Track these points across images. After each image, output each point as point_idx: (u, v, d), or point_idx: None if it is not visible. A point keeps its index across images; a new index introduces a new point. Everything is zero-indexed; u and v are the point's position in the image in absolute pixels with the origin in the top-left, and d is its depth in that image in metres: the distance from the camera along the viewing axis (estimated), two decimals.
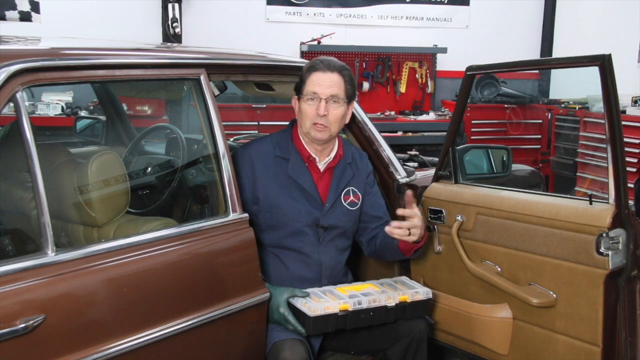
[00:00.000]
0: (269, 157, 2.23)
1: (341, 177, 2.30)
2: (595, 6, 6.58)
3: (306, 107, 2.18)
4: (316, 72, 2.17)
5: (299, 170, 2.23)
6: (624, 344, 2.06)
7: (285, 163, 2.22)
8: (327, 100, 2.15)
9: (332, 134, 2.21)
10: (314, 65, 2.19)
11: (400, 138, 6.02)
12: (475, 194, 2.41)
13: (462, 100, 2.45)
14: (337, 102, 2.18)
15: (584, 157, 5.67)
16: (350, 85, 2.21)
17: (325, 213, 2.24)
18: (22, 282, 1.52)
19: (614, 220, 1.99)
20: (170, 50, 2.45)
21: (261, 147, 2.26)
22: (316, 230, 2.23)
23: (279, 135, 2.30)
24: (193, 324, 1.85)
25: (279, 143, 2.26)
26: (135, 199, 2.29)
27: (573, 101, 6.19)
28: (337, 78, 2.18)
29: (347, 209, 2.29)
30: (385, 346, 2.20)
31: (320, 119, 2.15)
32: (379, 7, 6.74)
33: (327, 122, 2.16)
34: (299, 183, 2.21)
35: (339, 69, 2.19)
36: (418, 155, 3.43)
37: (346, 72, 2.20)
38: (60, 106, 5.09)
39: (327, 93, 2.16)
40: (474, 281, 2.35)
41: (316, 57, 2.27)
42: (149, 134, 2.93)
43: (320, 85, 2.16)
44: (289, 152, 2.24)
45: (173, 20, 5.76)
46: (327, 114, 2.16)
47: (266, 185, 2.19)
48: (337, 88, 2.17)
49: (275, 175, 2.20)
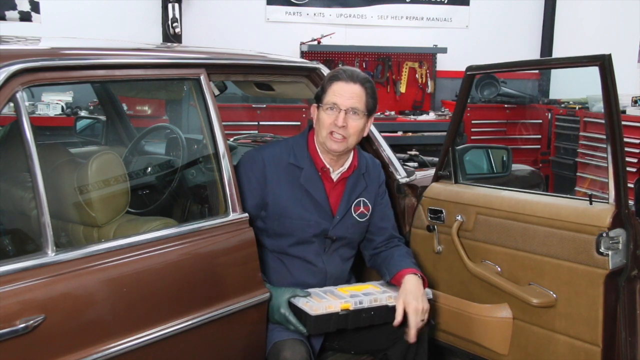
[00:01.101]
0: (282, 164, 2.18)
1: (354, 188, 2.26)
2: (595, 6, 6.58)
3: (324, 116, 2.12)
4: (338, 82, 2.12)
5: (312, 180, 2.19)
6: (624, 344, 2.06)
7: (299, 171, 2.18)
8: (346, 112, 2.11)
9: (348, 147, 2.16)
10: (337, 74, 2.14)
11: (400, 138, 6.02)
12: (475, 194, 2.41)
13: (462, 100, 2.45)
14: (357, 114, 2.12)
15: (584, 157, 5.67)
16: (372, 98, 2.16)
17: (335, 225, 2.21)
18: (22, 282, 1.52)
19: (614, 220, 1.99)
20: (170, 50, 2.45)
21: (275, 152, 2.21)
22: (323, 240, 2.22)
23: (295, 142, 2.24)
24: (193, 324, 1.85)
25: (293, 150, 2.21)
26: (135, 199, 2.29)
27: (573, 101, 6.20)
28: (359, 90, 2.12)
29: (357, 220, 2.27)
30: (386, 346, 2.20)
31: (338, 129, 2.11)
32: (379, 7, 6.75)
33: (346, 133, 2.12)
34: (310, 193, 2.18)
35: (362, 80, 2.14)
36: (418, 155, 3.42)
37: (369, 85, 2.15)
38: (60, 106, 5.09)
39: (348, 104, 2.10)
40: (474, 281, 2.35)
41: (339, 67, 2.22)
42: (149, 134, 2.93)
43: (341, 96, 2.10)
44: (303, 161, 2.19)
45: (173, 20, 5.76)
46: (346, 126, 2.11)
47: (276, 192, 2.15)
48: (358, 100, 2.12)
49: (287, 182, 2.17)
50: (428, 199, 2.52)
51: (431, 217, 2.50)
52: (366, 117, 2.17)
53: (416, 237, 2.57)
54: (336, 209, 2.23)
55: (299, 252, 2.20)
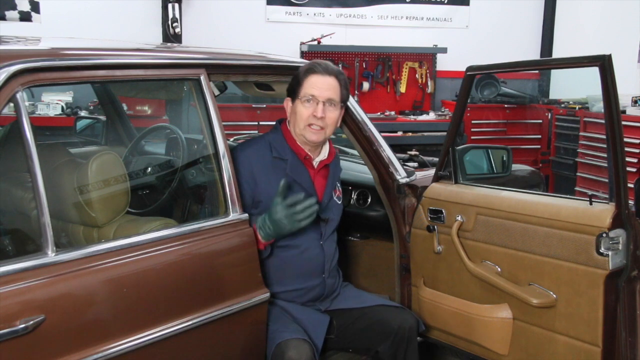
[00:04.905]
0: (267, 159, 2.23)
1: (334, 173, 2.38)
2: (595, 6, 6.58)
3: (302, 108, 2.20)
4: (314, 75, 2.20)
5: (298, 170, 2.25)
6: (624, 344, 2.06)
7: (284, 164, 2.24)
8: (324, 103, 2.19)
9: (326, 137, 2.27)
10: (312, 67, 2.22)
11: (400, 138, 6.02)
12: (475, 194, 2.41)
13: (462, 100, 2.44)
14: (333, 105, 2.22)
15: (584, 157, 5.67)
16: (345, 89, 2.26)
17: (323, 208, 2.28)
18: (22, 282, 1.52)
19: (614, 220, 1.99)
20: (170, 51, 2.45)
21: (258, 149, 2.26)
22: (318, 225, 2.25)
23: (270, 137, 2.30)
24: (193, 324, 1.85)
25: (272, 144, 2.26)
26: (136, 199, 2.29)
27: (573, 101, 6.20)
28: (334, 82, 2.22)
29: (336, 203, 2.39)
30: (378, 344, 2.24)
31: (317, 120, 2.19)
32: (379, 7, 6.74)
33: (324, 124, 2.20)
34: (298, 182, 2.23)
35: (336, 73, 2.24)
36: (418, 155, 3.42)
37: (342, 77, 2.25)
38: (60, 106, 5.09)
39: (325, 96, 2.19)
40: (474, 281, 2.35)
41: (312, 60, 2.31)
42: (149, 134, 2.93)
43: (318, 88, 2.19)
44: (285, 153, 2.25)
45: (173, 20, 5.76)
46: (324, 116, 2.19)
47: (267, 188, 2.18)
48: (334, 92, 2.21)
49: (275, 176, 2.20)
50: (428, 199, 2.52)
51: (431, 217, 2.50)
52: (341, 108, 2.27)
53: (416, 237, 2.57)
54: (321, 193, 2.30)
55: (296, 241, 2.21)
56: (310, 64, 2.26)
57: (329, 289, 2.32)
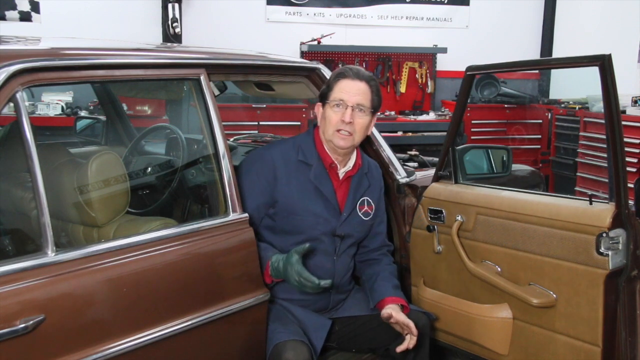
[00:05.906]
0: (292, 162, 2.20)
1: (358, 186, 2.29)
2: (595, 6, 6.58)
3: (331, 113, 2.16)
4: (345, 79, 2.16)
5: (321, 177, 2.21)
6: (624, 344, 2.06)
7: (308, 168, 2.20)
8: (353, 108, 2.14)
9: (354, 143, 2.20)
10: (343, 72, 2.18)
11: (400, 138, 6.02)
12: (475, 194, 2.41)
13: (462, 100, 2.44)
14: (363, 111, 2.16)
15: (584, 157, 5.67)
16: (377, 96, 2.20)
17: (342, 222, 2.23)
18: (22, 282, 1.52)
19: (614, 220, 1.99)
20: (170, 50, 2.45)
21: (284, 150, 2.22)
22: (332, 239, 2.22)
23: (301, 140, 2.26)
24: (193, 324, 1.85)
25: (300, 148, 2.23)
26: (135, 199, 2.29)
27: (573, 101, 6.20)
28: (365, 87, 2.16)
29: (362, 219, 2.29)
30: (388, 342, 2.20)
31: (345, 125, 2.14)
32: (379, 7, 6.75)
33: (352, 129, 2.15)
34: (320, 190, 2.19)
35: (367, 78, 2.18)
36: (418, 155, 3.42)
37: (373, 83, 2.19)
38: (60, 106, 5.08)
39: (354, 101, 2.14)
40: (474, 281, 2.35)
41: (345, 65, 2.26)
42: (149, 134, 2.93)
43: (347, 93, 2.14)
44: (311, 158, 2.21)
45: (173, 20, 5.77)
46: (353, 122, 2.14)
47: (286, 190, 2.16)
48: (364, 97, 2.16)
49: (297, 180, 2.18)
50: (428, 199, 2.52)
51: (431, 217, 2.50)
52: (371, 115, 2.20)
53: (416, 237, 2.57)
54: (343, 206, 2.24)
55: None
56: (342, 68, 2.21)
57: (334, 303, 2.29)
